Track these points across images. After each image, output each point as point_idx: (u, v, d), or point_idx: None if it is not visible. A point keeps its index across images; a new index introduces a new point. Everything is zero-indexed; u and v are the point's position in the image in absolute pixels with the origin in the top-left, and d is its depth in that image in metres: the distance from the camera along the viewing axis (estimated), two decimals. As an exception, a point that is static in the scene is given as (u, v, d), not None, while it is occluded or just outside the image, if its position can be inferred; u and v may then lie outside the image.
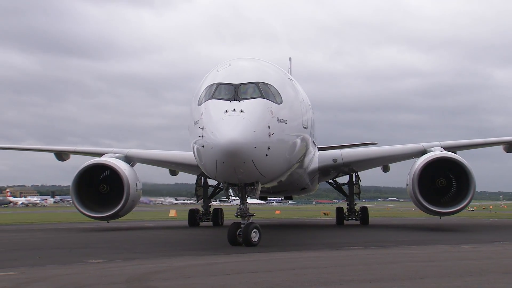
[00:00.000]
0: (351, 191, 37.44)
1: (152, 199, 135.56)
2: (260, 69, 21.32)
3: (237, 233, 19.78)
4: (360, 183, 38.60)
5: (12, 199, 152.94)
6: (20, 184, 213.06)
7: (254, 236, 19.67)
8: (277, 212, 74.86)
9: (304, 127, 22.21)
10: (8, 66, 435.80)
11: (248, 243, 19.50)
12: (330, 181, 39.45)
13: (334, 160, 32.01)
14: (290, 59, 54.41)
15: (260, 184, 20.33)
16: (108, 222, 33.11)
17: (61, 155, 36.36)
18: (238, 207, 20.52)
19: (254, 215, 20.66)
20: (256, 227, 19.96)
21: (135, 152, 35.04)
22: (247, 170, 18.81)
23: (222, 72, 20.58)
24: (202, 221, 37.93)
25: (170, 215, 59.89)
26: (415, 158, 30.04)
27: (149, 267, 14.82)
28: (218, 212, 38.40)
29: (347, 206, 37.62)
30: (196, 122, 19.15)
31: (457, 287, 11.65)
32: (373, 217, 38.93)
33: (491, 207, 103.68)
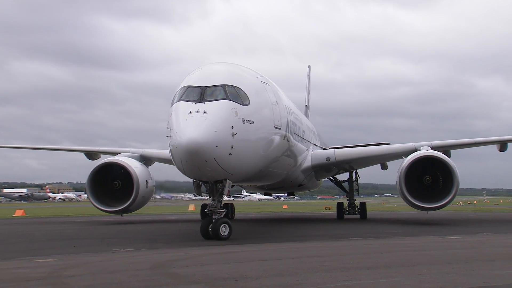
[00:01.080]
0: (351, 188, 37.02)
1: (173, 195, 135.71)
2: (230, 72, 20.46)
3: (209, 227, 19.16)
4: (359, 180, 38.32)
5: (51, 194, 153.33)
6: (58, 182, 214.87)
7: (224, 231, 18.91)
8: (285, 206, 74.64)
9: (276, 128, 21.14)
10: (46, 77, 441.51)
11: (217, 237, 18.74)
12: (331, 178, 38.64)
13: (327, 159, 31.21)
14: (309, 66, 54.14)
15: (228, 182, 19.31)
16: (122, 215, 32.49)
17: (91, 155, 36.35)
18: (209, 203, 19.81)
19: (225, 211, 19.98)
20: (225, 222, 19.25)
21: (149, 152, 34.57)
22: (211, 168, 18.06)
23: (193, 76, 19.93)
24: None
25: (189, 209, 59.84)
26: (405, 157, 29.29)
27: (171, 256, 14.83)
28: (228, 206, 36.70)
29: (347, 202, 37.14)
30: (167, 123, 18.77)
31: (445, 273, 11.59)
32: (370, 211, 38.64)
33: (475, 202, 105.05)
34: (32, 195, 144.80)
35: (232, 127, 17.83)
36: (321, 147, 36.29)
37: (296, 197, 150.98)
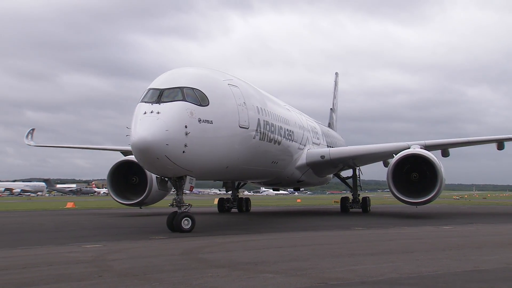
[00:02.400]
0: (355, 184, 35.73)
1: (201, 190, 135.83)
2: (191, 75, 19.21)
3: (173, 220, 18.07)
4: (362, 176, 37.21)
5: (96, 189, 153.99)
6: (102, 178, 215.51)
7: (186, 224, 17.71)
8: (298, 200, 74.34)
9: (243, 127, 19.73)
10: (90, 88, 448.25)
11: (179, 229, 17.58)
12: (337, 175, 37.51)
13: (322, 156, 29.83)
14: (336, 73, 52.61)
15: (190, 178, 18.02)
16: (141, 208, 31.32)
17: (126, 153, 36.09)
18: (174, 197, 18.54)
19: (190, 206, 18.62)
20: (188, 216, 17.97)
21: None
22: (165, 165, 16.95)
23: (158, 79, 18.99)
24: (231, 208, 35.95)
25: (214, 203, 59.78)
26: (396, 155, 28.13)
27: (198, 243, 14.81)
28: (242, 200, 36.52)
29: (351, 196, 35.82)
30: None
31: (440, 259, 11.55)
32: (373, 205, 37.99)
33: (466, 196, 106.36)
34: (81, 190, 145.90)
35: (186, 127, 16.79)
36: (328, 146, 35.43)
37: (308, 192, 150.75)
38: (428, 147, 28.99)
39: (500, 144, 32.11)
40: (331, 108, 50.51)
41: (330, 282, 8.44)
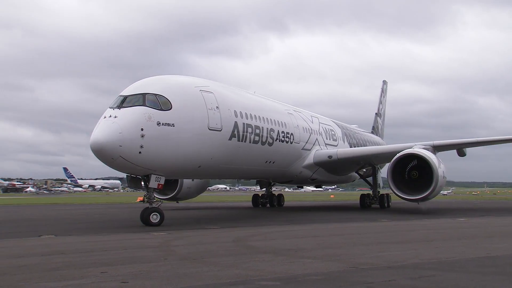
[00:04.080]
0: (375, 181, 32.94)
1: (248, 187, 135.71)
2: (158, 83, 17.79)
3: (143, 214, 16.74)
4: (380, 175, 33.64)
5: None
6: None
7: (155, 218, 16.43)
8: (332, 196, 73.71)
9: (213, 129, 18.07)
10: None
11: (147, 223, 16.35)
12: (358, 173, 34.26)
13: (329, 156, 27.67)
14: (384, 81, 49.76)
15: (155, 176, 16.63)
16: (177, 202, 29.41)
17: None
18: (145, 194, 17.45)
19: (161, 202, 17.39)
20: (156, 211, 16.67)
21: None
22: (124, 165, 15.85)
23: (129, 86, 17.67)
24: (265, 203, 33.73)
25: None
26: None
27: (246, 232, 14.80)
28: (274, 196, 34.33)
29: (372, 193, 32.86)
30: None
31: (456, 247, 11.43)
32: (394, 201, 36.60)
33: (478, 192, 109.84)
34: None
35: (142, 129, 15.62)
36: (352, 147, 33.27)
37: (340, 189, 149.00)
38: (436, 147, 27.22)
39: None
40: (376, 113, 47.78)
41: (360, 267, 8.36)
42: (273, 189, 34.91)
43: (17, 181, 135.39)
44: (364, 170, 33.71)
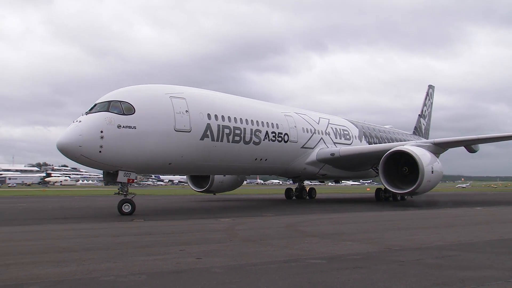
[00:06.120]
0: None
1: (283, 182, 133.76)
2: (126, 91, 16.65)
3: (118, 205, 15.94)
4: None
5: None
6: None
7: (127, 208, 15.57)
8: (368, 189, 72.18)
9: (180, 131, 16.74)
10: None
11: (121, 212, 15.53)
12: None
13: (332, 154, 25.25)
14: (430, 86, 45.47)
15: (124, 172, 15.69)
16: (214, 194, 28.15)
17: None
18: (119, 187, 16.25)
19: (134, 195, 16.26)
20: (128, 202, 15.79)
21: None
22: (87, 162, 15.09)
23: (105, 94, 16.68)
24: (298, 196, 31.24)
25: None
26: None
27: (296, 219, 14.70)
28: (303, 190, 31.65)
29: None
30: None
31: (474, 231, 11.15)
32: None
33: (492, 185, 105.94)
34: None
35: (102, 132, 14.77)
36: (370, 144, 30.07)
37: (375, 183, 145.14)
38: (437, 144, 24.75)
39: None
40: (419, 114, 43.38)
41: (393, 248, 8.20)
42: (305, 183, 32.57)
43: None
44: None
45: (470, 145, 26.86)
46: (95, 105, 15.85)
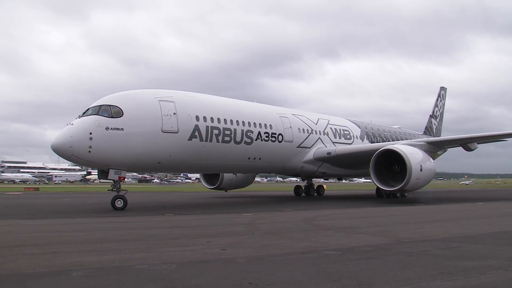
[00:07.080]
0: None
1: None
2: (117, 96, 16.26)
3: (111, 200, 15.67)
4: None
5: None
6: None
7: (119, 204, 15.35)
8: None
9: (167, 132, 16.27)
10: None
11: (114, 207, 15.30)
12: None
13: (328, 153, 24.07)
14: (441, 88, 43.43)
15: (113, 170, 15.42)
16: (226, 191, 27.34)
17: None
18: (111, 184, 15.93)
19: (126, 191, 16.11)
20: (120, 197, 15.55)
21: None
22: (78, 161, 14.99)
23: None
24: (308, 194, 29.82)
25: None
26: None
27: (312, 214, 14.63)
28: (311, 187, 30.21)
29: None
30: None
31: (476, 224, 11.11)
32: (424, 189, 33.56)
33: (493, 182, 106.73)
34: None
35: (91, 133, 14.58)
36: (371, 142, 28.29)
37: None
38: (431, 143, 23.62)
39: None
40: (430, 115, 41.50)
41: (402, 240, 8.12)
42: (313, 180, 30.78)
43: (147, 174, 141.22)
44: None
45: (464, 143, 24.84)
46: (88, 109, 15.69)
